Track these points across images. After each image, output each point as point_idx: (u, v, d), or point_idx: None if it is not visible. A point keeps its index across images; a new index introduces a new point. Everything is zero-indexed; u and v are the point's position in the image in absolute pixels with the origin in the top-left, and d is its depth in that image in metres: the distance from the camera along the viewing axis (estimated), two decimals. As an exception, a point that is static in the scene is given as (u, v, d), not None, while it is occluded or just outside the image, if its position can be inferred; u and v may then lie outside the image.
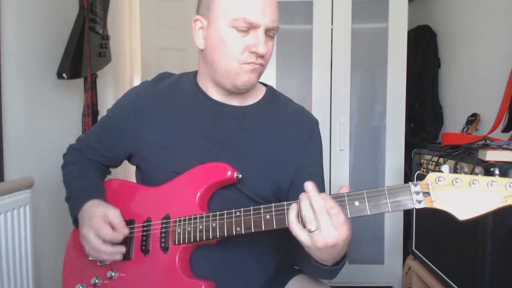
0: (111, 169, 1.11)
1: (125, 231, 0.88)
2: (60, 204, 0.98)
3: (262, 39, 0.85)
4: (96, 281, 0.91)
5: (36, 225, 1.49)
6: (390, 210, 0.71)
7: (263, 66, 0.90)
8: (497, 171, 0.68)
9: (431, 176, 0.69)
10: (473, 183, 0.66)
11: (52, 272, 1.60)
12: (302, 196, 0.72)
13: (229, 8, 0.84)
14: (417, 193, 0.69)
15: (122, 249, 0.88)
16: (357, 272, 2.11)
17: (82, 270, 0.96)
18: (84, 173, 1.01)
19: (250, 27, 0.84)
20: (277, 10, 0.87)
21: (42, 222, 1.58)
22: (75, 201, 0.95)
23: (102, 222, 0.87)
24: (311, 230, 0.69)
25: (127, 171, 1.96)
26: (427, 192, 0.69)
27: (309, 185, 0.72)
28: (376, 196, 0.72)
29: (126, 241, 0.90)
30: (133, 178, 1.06)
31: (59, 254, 1.04)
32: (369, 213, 0.72)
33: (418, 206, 0.69)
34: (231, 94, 0.94)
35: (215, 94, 0.95)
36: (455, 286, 1.30)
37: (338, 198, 0.73)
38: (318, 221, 0.69)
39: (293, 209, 0.73)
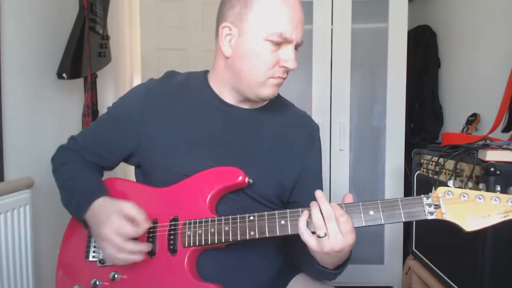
0: (104, 172, 1.07)
1: (147, 224, 0.84)
2: (60, 204, 0.97)
3: (294, 54, 0.87)
4: (97, 282, 0.89)
5: (36, 225, 1.49)
6: (403, 220, 0.76)
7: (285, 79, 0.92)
8: (498, 188, 0.73)
9: (440, 190, 0.75)
10: (478, 198, 0.73)
11: (52, 272, 1.59)
12: (313, 203, 0.76)
13: (265, 21, 0.84)
14: (429, 205, 0.75)
15: (148, 245, 0.85)
16: (357, 272, 2.11)
17: (79, 271, 0.93)
18: (83, 172, 0.97)
19: (284, 41, 0.85)
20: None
21: (42, 222, 1.58)
22: (80, 202, 0.90)
23: (122, 219, 0.82)
24: (320, 236, 0.73)
25: (126, 171, 1.95)
26: (437, 205, 0.75)
27: (319, 193, 0.76)
28: (390, 206, 0.76)
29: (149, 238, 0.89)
30: (132, 178, 1.05)
31: (59, 254, 1.04)
32: (383, 222, 0.76)
33: (430, 217, 0.75)
34: (247, 101, 0.94)
35: (228, 97, 0.94)
36: (455, 286, 1.30)
37: (353, 207, 0.77)
38: (327, 228, 0.73)
39: (304, 215, 0.77)
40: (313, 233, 0.74)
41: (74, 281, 0.93)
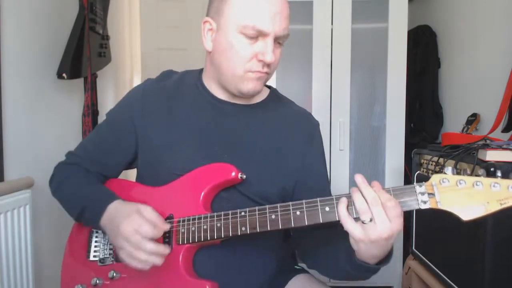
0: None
1: (166, 226, 0.82)
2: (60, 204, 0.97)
3: (271, 47, 0.83)
4: (97, 281, 0.90)
5: (36, 225, 1.49)
6: None
7: (269, 74, 0.89)
8: (499, 173, 0.68)
9: (435, 178, 0.70)
10: (476, 185, 0.68)
11: (52, 272, 1.60)
12: (353, 189, 0.72)
13: (239, 14, 0.83)
14: (422, 193, 0.70)
15: (166, 248, 0.81)
16: (357, 272, 2.11)
17: (82, 270, 0.95)
18: (89, 183, 0.96)
19: (259, 34, 0.83)
20: (288, 18, 0.86)
21: (42, 222, 1.58)
22: (93, 210, 0.88)
23: (141, 218, 0.80)
24: (365, 222, 0.69)
25: (127, 172, 1.95)
26: (431, 193, 0.70)
27: (359, 178, 0.71)
28: None
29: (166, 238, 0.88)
30: (133, 178, 1.05)
31: (59, 254, 1.04)
32: None
33: (423, 206, 0.70)
34: (236, 96, 0.93)
35: (220, 93, 0.95)
36: (455, 286, 1.30)
37: (344, 197, 0.74)
38: (372, 213, 0.68)
39: (342, 202, 0.72)
40: (356, 220, 0.70)
41: (76, 280, 0.95)
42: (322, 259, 0.90)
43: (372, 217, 0.68)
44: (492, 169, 1.10)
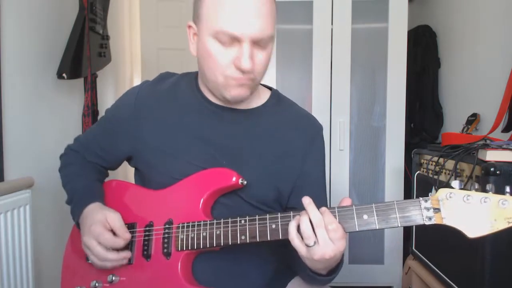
0: (109, 171, 1.08)
1: (127, 235, 0.86)
2: (60, 204, 0.98)
3: (247, 53, 0.77)
4: (96, 284, 0.90)
5: (36, 225, 1.49)
6: (399, 225, 0.70)
7: (254, 80, 0.83)
8: (508, 189, 0.66)
9: (441, 192, 0.68)
10: (484, 201, 0.66)
11: (52, 272, 1.60)
12: (303, 212, 0.73)
13: (212, 19, 0.78)
14: (428, 209, 0.69)
15: (127, 254, 0.87)
16: (357, 272, 2.11)
17: (81, 273, 0.94)
18: (81, 175, 0.99)
19: (234, 40, 0.78)
20: (268, 17, 0.79)
21: (42, 222, 1.58)
22: (74, 206, 0.94)
23: (102, 228, 0.85)
24: (309, 245, 0.71)
25: (127, 172, 1.96)
26: (437, 208, 0.68)
27: (307, 200, 0.73)
28: (385, 210, 0.71)
29: (129, 245, 0.89)
30: (132, 179, 1.05)
31: (59, 254, 1.04)
32: (377, 227, 0.71)
33: (428, 222, 0.68)
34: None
35: (213, 98, 0.92)
36: (455, 286, 1.30)
37: (346, 211, 0.73)
38: (317, 236, 0.71)
39: (294, 220, 0.74)
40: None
41: (76, 282, 0.94)
42: (293, 264, 0.94)
43: (316, 240, 0.71)
44: (492, 169, 1.11)
